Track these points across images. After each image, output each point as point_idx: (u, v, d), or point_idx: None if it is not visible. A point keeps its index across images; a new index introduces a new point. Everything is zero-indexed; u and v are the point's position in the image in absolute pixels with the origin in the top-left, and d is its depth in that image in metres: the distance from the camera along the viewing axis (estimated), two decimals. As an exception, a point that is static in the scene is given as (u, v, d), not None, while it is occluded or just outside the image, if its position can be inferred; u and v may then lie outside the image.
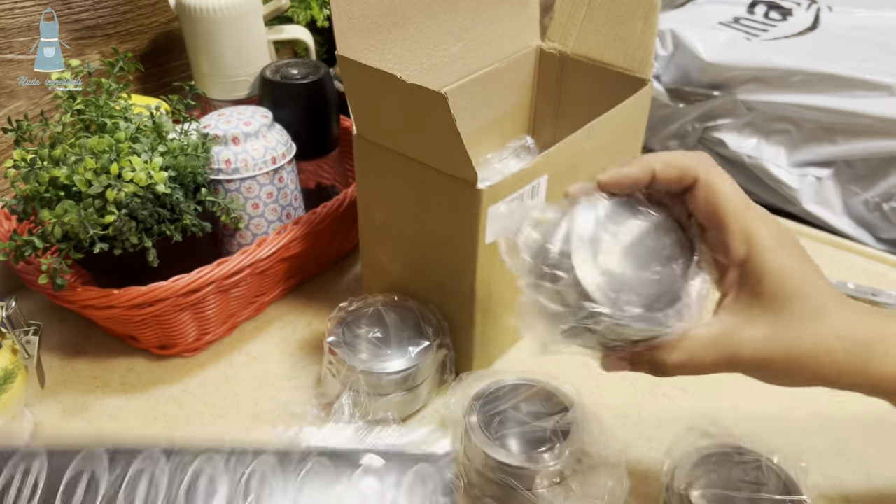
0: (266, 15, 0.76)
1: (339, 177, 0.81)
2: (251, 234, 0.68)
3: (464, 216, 0.52)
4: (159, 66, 0.82)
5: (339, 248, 0.77)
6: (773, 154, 0.87)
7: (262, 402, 0.61)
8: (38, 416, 0.60)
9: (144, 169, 0.55)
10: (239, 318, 0.69)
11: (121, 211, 0.54)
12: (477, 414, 0.52)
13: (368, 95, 0.53)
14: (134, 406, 0.61)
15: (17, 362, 0.54)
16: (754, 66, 0.85)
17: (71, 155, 0.54)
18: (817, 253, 0.80)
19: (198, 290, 0.59)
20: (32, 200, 0.56)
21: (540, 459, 0.48)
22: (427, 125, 0.50)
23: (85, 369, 0.65)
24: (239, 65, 0.75)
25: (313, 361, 0.66)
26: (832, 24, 0.97)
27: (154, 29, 0.79)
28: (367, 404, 0.56)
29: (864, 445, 0.58)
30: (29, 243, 0.55)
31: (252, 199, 0.66)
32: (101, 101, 0.59)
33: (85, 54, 0.74)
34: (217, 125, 0.65)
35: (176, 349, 0.65)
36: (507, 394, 0.54)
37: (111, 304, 0.56)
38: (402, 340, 0.57)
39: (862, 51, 0.89)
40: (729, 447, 0.50)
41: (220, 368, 0.65)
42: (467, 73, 0.67)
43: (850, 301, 0.42)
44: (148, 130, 0.60)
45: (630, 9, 0.65)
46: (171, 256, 0.59)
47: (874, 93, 0.81)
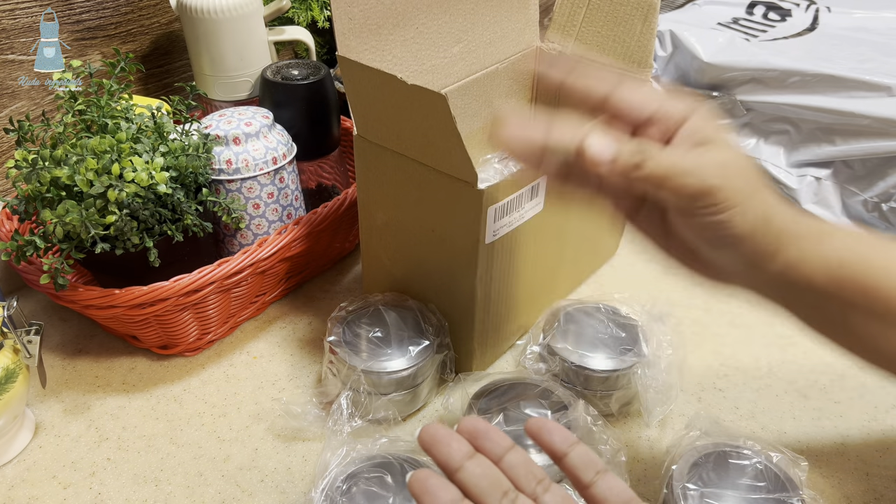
0: (267, 16, 0.76)
1: (340, 177, 0.81)
2: (252, 234, 0.68)
3: (464, 216, 0.53)
4: (160, 66, 0.82)
5: (340, 248, 0.78)
6: (771, 154, 0.87)
7: (262, 401, 0.61)
8: (40, 415, 0.60)
9: (146, 169, 0.55)
10: (240, 317, 0.69)
11: (122, 211, 0.55)
12: (476, 413, 0.52)
13: (369, 96, 0.53)
14: (135, 405, 0.61)
15: (18, 362, 0.54)
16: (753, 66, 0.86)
17: (72, 155, 0.54)
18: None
19: (199, 290, 0.59)
20: (34, 200, 0.56)
21: (539, 459, 0.48)
22: (427, 126, 0.50)
23: (86, 369, 0.65)
24: (240, 65, 0.75)
25: (314, 361, 0.66)
26: (831, 25, 0.97)
27: (155, 30, 0.80)
28: (368, 403, 0.56)
29: (864, 445, 0.58)
30: (30, 243, 0.55)
31: (253, 199, 0.67)
32: (103, 101, 0.59)
33: (86, 55, 0.74)
34: (218, 126, 0.65)
35: (177, 349, 0.65)
36: (507, 393, 0.54)
37: (112, 303, 0.57)
38: (403, 340, 0.58)
39: (861, 51, 0.89)
40: (729, 447, 0.50)
41: (220, 368, 0.65)
42: (467, 73, 0.68)
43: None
44: (149, 131, 0.60)
45: (629, 10, 0.65)
46: (172, 256, 0.60)
47: (873, 93, 0.81)
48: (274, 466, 0.55)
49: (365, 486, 0.47)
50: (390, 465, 0.49)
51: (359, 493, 0.47)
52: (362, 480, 0.48)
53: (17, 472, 0.55)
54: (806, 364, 0.65)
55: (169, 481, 0.54)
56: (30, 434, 0.58)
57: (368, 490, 0.47)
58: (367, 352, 0.57)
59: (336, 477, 0.48)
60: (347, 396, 0.54)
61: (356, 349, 0.57)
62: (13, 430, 0.56)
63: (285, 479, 0.55)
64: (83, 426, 0.59)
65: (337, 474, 0.48)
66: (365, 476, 0.48)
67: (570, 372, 0.58)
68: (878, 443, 0.58)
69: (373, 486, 0.47)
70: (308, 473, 0.55)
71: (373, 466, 0.48)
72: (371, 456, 0.49)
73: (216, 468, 0.55)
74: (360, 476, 0.48)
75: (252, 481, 0.54)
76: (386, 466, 0.49)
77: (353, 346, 0.57)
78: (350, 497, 0.47)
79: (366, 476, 0.48)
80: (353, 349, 0.57)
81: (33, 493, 0.53)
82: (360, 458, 0.49)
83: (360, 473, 0.48)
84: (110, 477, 0.55)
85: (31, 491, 0.54)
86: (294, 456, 0.56)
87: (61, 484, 0.54)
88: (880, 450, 0.58)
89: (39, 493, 0.53)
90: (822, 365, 0.65)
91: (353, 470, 0.48)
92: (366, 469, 0.48)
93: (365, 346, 0.57)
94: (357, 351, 0.57)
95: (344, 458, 0.49)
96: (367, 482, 0.47)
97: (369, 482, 0.47)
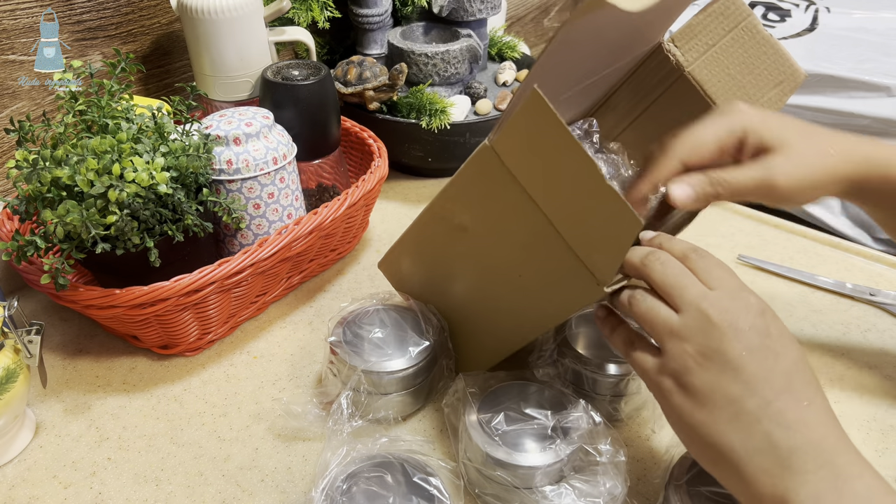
0: (267, 16, 0.76)
1: (340, 177, 0.81)
2: (252, 235, 0.69)
3: (567, 295, 0.50)
4: (161, 67, 0.82)
5: (340, 248, 0.78)
6: (772, 155, 0.87)
7: (263, 401, 0.62)
8: (40, 415, 0.60)
9: (146, 169, 0.55)
10: (240, 317, 0.69)
11: (123, 211, 0.55)
12: (477, 413, 0.52)
13: (541, 143, 0.46)
14: (135, 405, 0.61)
15: (19, 362, 0.54)
16: (753, 67, 0.86)
17: (73, 155, 0.54)
18: (816, 253, 0.81)
19: (199, 290, 0.59)
20: (34, 201, 0.56)
21: (540, 458, 0.48)
22: (596, 223, 0.45)
23: (87, 369, 0.65)
24: (240, 66, 0.75)
25: (314, 361, 0.66)
26: (830, 26, 0.97)
27: (156, 30, 0.80)
28: (368, 403, 0.56)
29: (864, 445, 0.58)
30: (31, 243, 0.55)
31: (253, 199, 0.67)
32: (103, 101, 0.59)
33: (87, 55, 0.74)
34: (218, 126, 0.65)
35: (177, 349, 0.65)
36: (507, 392, 0.54)
37: (113, 303, 0.57)
38: (403, 340, 0.58)
39: (860, 52, 0.89)
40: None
41: (221, 368, 0.65)
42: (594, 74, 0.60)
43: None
44: (150, 131, 0.60)
45: (769, 67, 0.60)
46: (172, 256, 0.60)
47: (872, 93, 0.82)
48: (274, 466, 0.56)
49: (365, 485, 0.47)
50: (390, 465, 0.49)
51: (359, 493, 0.47)
52: (362, 480, 0.48)
53: (18, 471, 0.55)
54: (805, 364, 0.65)
55: (169, 481, 0.54)
56: (30, 434, 0.58)
57: (368, 490, 0.47)
58: (368, 352, 0.57)
59: (336, 477, 0.48)
60: (347, 396, 0.54)
61: (356, 349, 0.57)
62: (14, 430, 0.56)
63: (285, 478, 0.55)
64: (84, 426, 0.59)
65: (337, 474, 0.48)
66: (365, 476, 0.48)
67: (579, 375, 0.58)
68: (878, 443, 0.58)
69: (373, 485, 0.47)
70: (308, 473, 0.55)
71: (373, 466, 0.49)
72: (371, 456, 0.49)
73: (216, 468, 0.55)
74: (361, 476, 0.48)
75: (252, 481, 0.54)
76: (386, 466, 0.49)
77: (354, 346, 0.57)
78: (350, 497, 0.47)
79: (366, 476, 0.48)
80: (353, 349, 0.57)
81: (34, 493, 0.54)
82: (361, 458, 0.49)
83: (361, 473, 0.48)
84: (111, 477, 0.55)
85: (32, 491, 0.54)
86: (294, 456, 0.56)
87: (62, 484, 0.54)
88: (880, 450, 0.58)
89: (40, 493, 0.54)
90: (822, 365, 0.65)
91: (354, 470, 0.48)
92: (366, 469, 0.48)
93: (365, 346, 0.57)
94: (357, 351, 0.57)
95: (344, 457, 0.49)
96: (367, 482, 0.48)
97: (369, 482, 0.48)
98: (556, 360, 0.59)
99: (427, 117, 0.84)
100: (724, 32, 0.62)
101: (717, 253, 0.45)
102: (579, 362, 0.58)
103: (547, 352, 0.60)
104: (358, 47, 0.98)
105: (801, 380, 0.40)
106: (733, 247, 0.81)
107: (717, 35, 0.62)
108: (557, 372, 0.59)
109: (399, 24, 0.99)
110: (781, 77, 0.60)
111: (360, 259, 0.80)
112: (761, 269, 0.78)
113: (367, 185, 0.71)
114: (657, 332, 0.43)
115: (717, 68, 0.62)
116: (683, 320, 0.42)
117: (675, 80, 0.64)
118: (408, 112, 0.87)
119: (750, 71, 0.61)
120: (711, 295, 0.42)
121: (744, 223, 0.87)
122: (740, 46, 0.61)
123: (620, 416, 0.59)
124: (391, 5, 0.95)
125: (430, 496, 0.47)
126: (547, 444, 0.49)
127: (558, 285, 0.50)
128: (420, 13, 0.99)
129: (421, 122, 0.85)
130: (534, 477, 0.48)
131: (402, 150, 0.90)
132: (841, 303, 0.73)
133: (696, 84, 0.63)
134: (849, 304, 0.73)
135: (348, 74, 0.84)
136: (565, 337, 0.60)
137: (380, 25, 0.94)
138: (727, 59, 0.62)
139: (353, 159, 0.87)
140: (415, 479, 0.48)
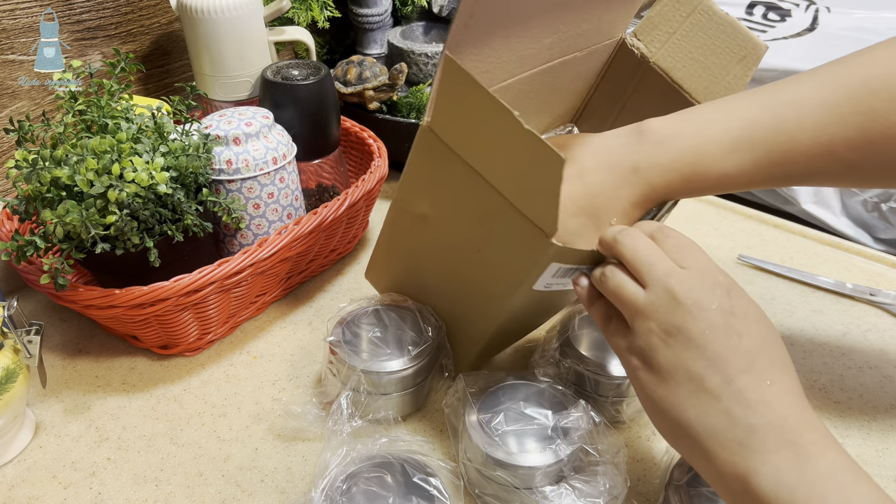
0: (267, 16, 0.76)
1: (340, 177, 0.81)
2: (252, 235, 0.69)
3: (522, 258, 0.49)
4: (160, 66, 0.82)
5: (340, 248, 0.78)
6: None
7: (262, 401, 0.62)
8: (40, 415, 0.60)
9: (146, 169, 0.55)
10: (240, 317, 0.69)
11: (122, 211, 0.55)
12: (476, 413, 0.52)
13: (465, 108, 0.47)
14: (135, 405, 0.61)
15: (18, 362, 0.54)
16: (753, 67, 0.86)
17: (72, 155, 0.54)
18: (816, 253, 0.81)
19: (199, 290, 0.59)
20: (34, 201, 0.56)
21: (540, 458, 0.48)
22: (526, 170, 0.46)
23: (86, 369, 0.65)
24: (240, 66, 0.75)
25: (314, 361, 0.66)
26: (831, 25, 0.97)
27: (155, 30, 0.80)
28: (367, 403, 0.56)
29: (864, 445, 0.58)
30: (31, 243, 0.55)
31: (253, 199, 0.67)
32: (103, 101, 0.59)
33: (86, 55, 0.74)
34: (218, 126, 0.65)
35: (177, 349, 0.65)
36: (507, 392, 0.54)
37: (113, 303, 0.57)
38: (402, 340, 0.58)
39: (860, 52, 0.89)
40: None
41: (221, 368, 0.65)
42: (547, 60, 0.62)
43: None
44: (149, 131, 0.60)
45: (729, 45, 0.61)
46: (172, 256, 0.60)
47: (873, 94, 0.81)
48: (274, 466, 0.56)
49: (365, 486, 0.47)
50: (390, 465, 0.49)
51: (359, 493, 0.47)
52: (362, 480, 0.48)
53: (18, 471, 0.55)
54: (805, 364, 0.65)
55: (169, 481, 0.54)
56: (30, 434, 0.58)
57: (368, 490, 0.47)
58: (367, 352, 0.57)
59: (336, 477, 0.48)
60: (347, 396, 0.54)
61: (356, 349, 0.57)
62: (13, 430, 0.56)
63: (285, 478, 0.55)
64: (83, 426, 0.59)
65: (337, 474, 0.48)
66: (365, 476, 0.48)
67: (581, 377, 0.58)
68: (878, 443, 0.58)
69: (373, 486, 0.47)
70: (308, 473, 0.55)
71: (373, 466, 0.49)
72: (371, 456, 0.49)
73: (216, 468, 0.55)
74: (360, 476, 0.48)
75: (252, 481, 0.54)
76: (386, 466, 0.49)
77: (353, 346, 0.57)
78: (350, 497, 0.47)
79: (366, 476, 0.48)
80: (352, 349, 0.57)
81: (33, 493, 0.54)
82: (360, 458, 0.49)
83: (360, 473, 0.48)
84: (110, 477, 0.55)
85: (32, 491, 0.54)
86: (294, 456, 0.56)
87: (61, 484, 0.54)
88: (880, 450, 0.58)
89: (39, 493, 0.54)
90: (822, 365, 0.65)
91: (353, 470, 0.48)
92: (366, 469, 0.48)
93: (365, 346, 0.57)
94: (357, 351, 0.57)
95: (344, 458, 0.49)
96: (367, 482, 0.48)
97: (369, 482, 0.48)
98: (559, 361, 0.59)
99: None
100: (683, 18, 0.63)
101: (717, 253, 0.46)
102: (581, 363, 0.58)
103: (549, 352, 0.60)
104: (358, 47, 0.98)
105: (764, 360, 0.40)
106: (733, 247, 0.81)
107: (676, 22, 0.64)
108: (559, 373, 0.59)
109: (399, 23, 0.99)
110: (743, 52, 0.61)
111: (360, 259, 0.80)
112: (761, 269, 0.78)
113: (367, 185, 0.71)
114: (625, 309, 0.44)
115: (680, 54, 0.64)
116: (649, 297, 0.42)
117: (643, 72, 0.66)
118: (408, 112, 0.87)
119: (712, 51, 0.62)
120: (679, 272, 0.42)
121: (744, 223, 0.86)
122: (700, 29, 0.63)
123: (622, 417, 0.59)
124: (391, 5, 0.95)
125: (429, 496, 0.47)
126: (547, 445, 0.49)
127: (513, 250, 0.50)
128: (420, 13, 0.99)
129: (421, 122, 0.85)
130: (534, 477, 0.48)
131: (402, 150, 0.89)
132: (841, 303, 0.73)
133: (663, 73, 0.64)
134: (849, 304, 0.73)
135: (348, 74, 0.84)
136: (568, 338, 0.59)
137: (380, 25, 0.94)
138: (688, 43, 0.63)
139: (353, 159, 0.86)
140: (415, 479, 0.48)
